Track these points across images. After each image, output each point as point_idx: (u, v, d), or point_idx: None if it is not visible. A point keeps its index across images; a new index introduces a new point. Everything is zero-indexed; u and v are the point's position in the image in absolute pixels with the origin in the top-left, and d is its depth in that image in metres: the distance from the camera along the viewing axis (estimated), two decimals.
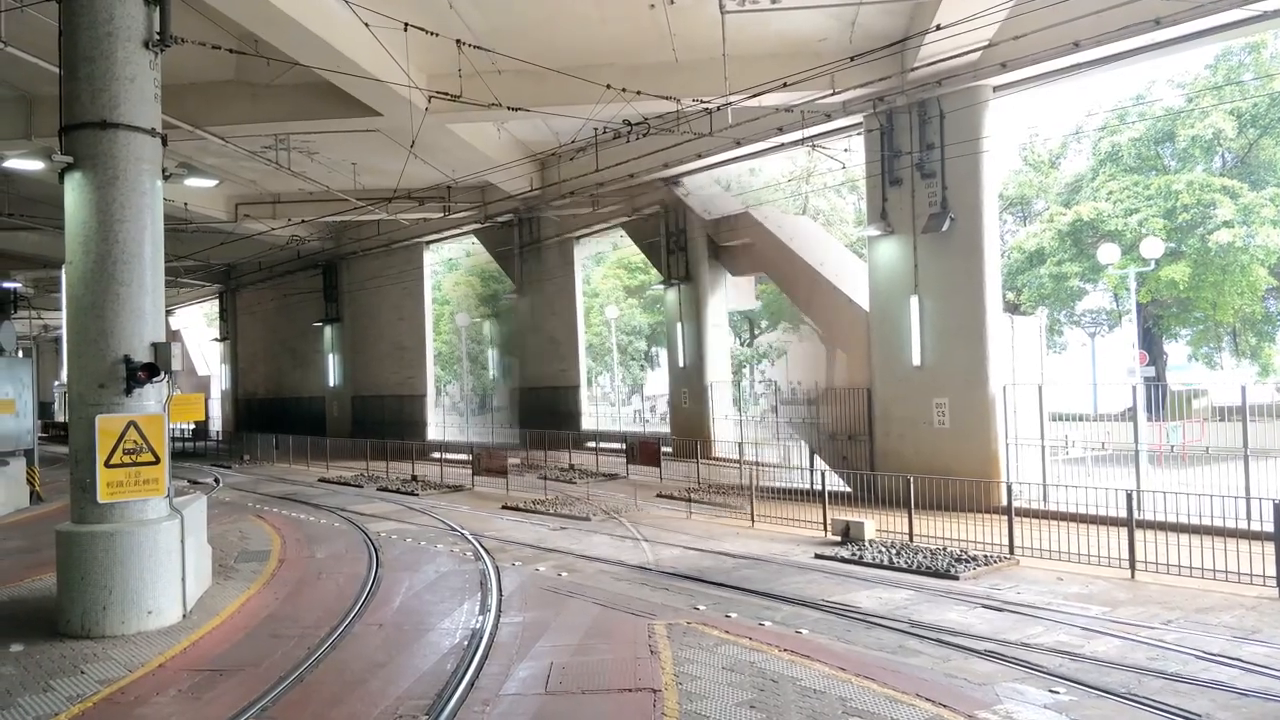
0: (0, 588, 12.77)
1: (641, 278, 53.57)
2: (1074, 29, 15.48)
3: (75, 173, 10.45)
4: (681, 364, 29.46)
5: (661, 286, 30.57)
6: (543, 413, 33.22)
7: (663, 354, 46.75)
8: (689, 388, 29.30)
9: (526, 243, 33.66)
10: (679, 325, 29.42)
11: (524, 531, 16.71)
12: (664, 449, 24.39)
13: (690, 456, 23.16)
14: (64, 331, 11.52)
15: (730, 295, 30.57)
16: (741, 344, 58.45)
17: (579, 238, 35.31)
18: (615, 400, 51.74)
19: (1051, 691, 7.82)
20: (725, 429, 28.17)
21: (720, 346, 29.79)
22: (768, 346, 57.84)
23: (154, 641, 9.86)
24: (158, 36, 10.72)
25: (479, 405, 53.31)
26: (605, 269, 53.82)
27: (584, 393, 35.27)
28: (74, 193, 10.51)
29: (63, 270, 11.63)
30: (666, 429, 32.29)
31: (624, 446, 25.62)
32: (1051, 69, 17.00)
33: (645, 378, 58.38)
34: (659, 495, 20.49)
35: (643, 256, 38.52)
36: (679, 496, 19.72)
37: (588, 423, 34.49)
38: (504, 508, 19.71)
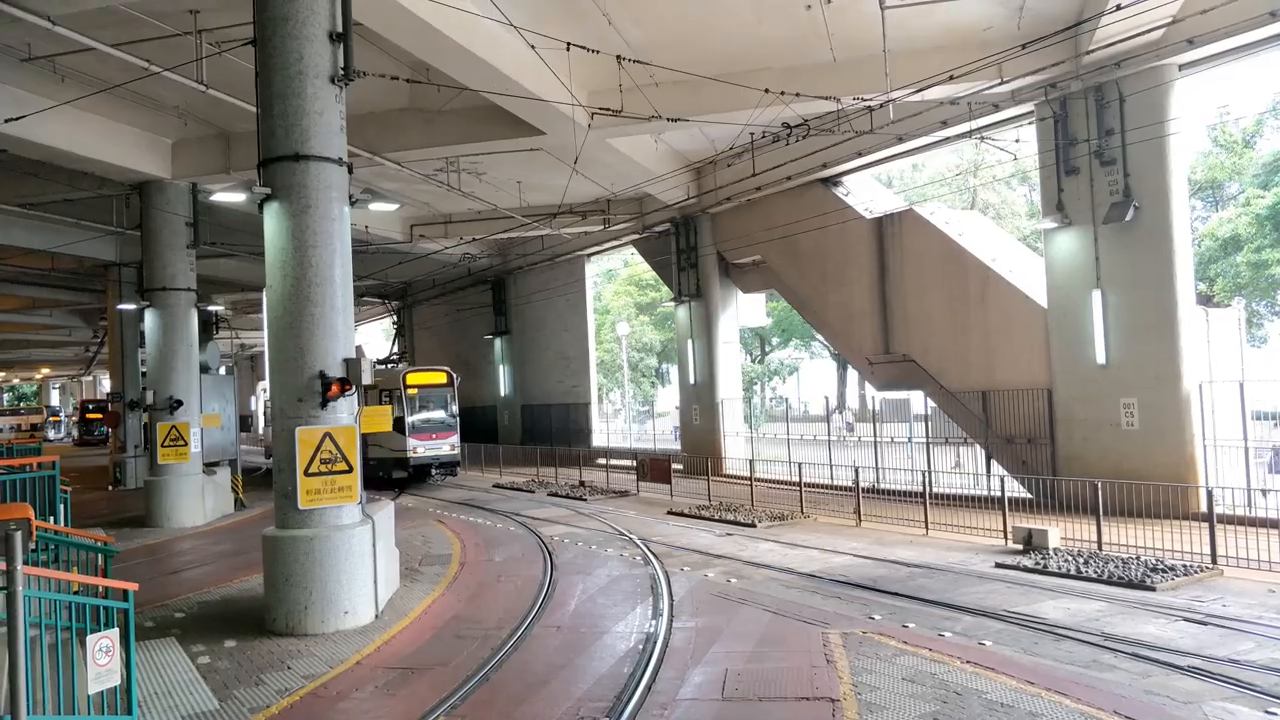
0: (214, 588, 13.88)
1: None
2: None
3: (273, 203, 11.25)
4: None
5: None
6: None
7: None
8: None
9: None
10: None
11: (690, 537, 16.84)
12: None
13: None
14: (265, 350, 12.41)
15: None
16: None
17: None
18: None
19: (1268, 713, 7.25)
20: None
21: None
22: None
23: (350, 640, 10.47)
24: (342, 72, 11.42)
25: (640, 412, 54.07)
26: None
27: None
28: (272, 221, 11.32)
29: (263, 294, 12.53)
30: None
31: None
32: (1245, 42, 15.77)
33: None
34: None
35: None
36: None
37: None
38: (669, 513, 19.90)
